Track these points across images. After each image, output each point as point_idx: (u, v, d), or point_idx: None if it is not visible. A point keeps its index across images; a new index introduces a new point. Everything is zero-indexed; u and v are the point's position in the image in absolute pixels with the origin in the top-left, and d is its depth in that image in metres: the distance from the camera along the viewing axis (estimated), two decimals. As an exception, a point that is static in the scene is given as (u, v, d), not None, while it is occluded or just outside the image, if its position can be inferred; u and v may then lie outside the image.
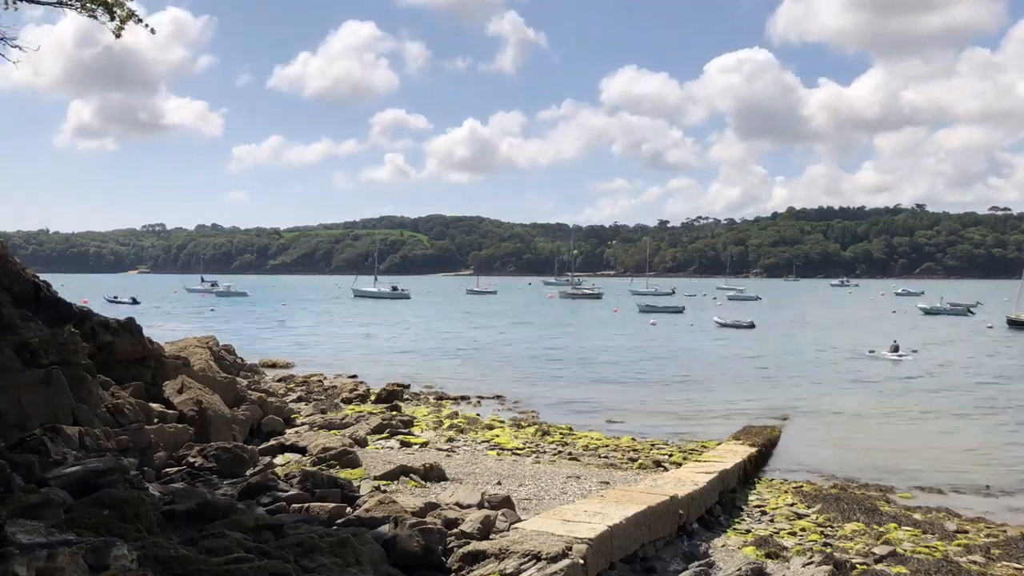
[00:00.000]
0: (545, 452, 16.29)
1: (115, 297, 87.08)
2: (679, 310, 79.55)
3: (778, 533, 11.17)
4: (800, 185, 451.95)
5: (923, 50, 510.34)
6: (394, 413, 20.00)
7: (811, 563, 9.48)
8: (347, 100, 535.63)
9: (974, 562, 10.15)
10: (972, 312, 78.50)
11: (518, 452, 16.15)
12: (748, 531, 11.23)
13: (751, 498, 13.28)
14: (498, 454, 15.85)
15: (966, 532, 11.72)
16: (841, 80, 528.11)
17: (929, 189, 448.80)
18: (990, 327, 59.06)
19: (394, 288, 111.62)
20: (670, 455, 16.35)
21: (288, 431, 16.47)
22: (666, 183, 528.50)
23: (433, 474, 12.73)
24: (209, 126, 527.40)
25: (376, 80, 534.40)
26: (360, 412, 20.14)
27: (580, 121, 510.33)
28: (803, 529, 11.46)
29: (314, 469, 12.20)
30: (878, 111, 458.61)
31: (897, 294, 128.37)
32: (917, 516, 12.56)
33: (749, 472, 14.74)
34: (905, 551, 10.36)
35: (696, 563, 9.41)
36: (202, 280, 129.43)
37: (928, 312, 79.46)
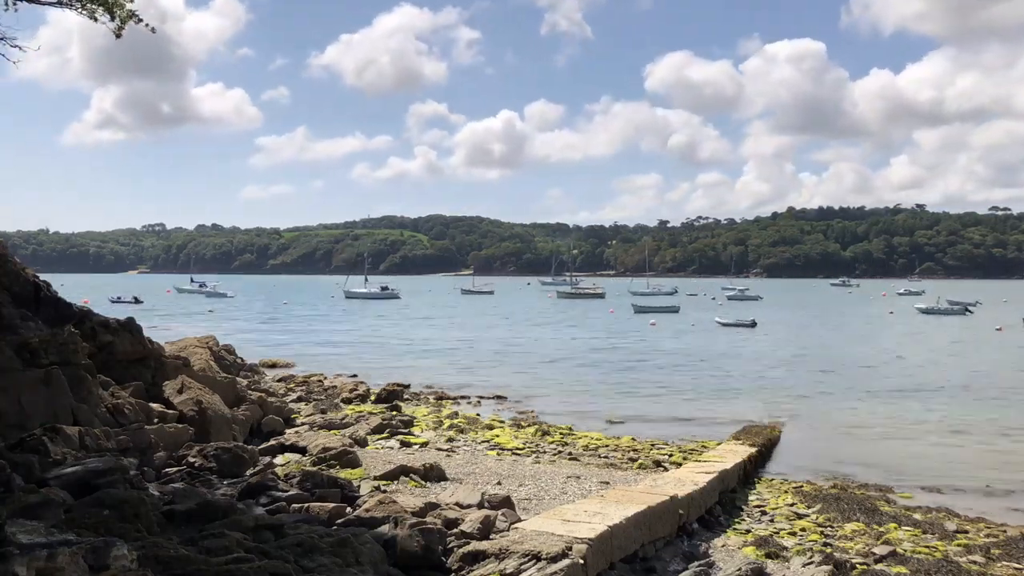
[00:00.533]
0: (545, 452, 16.29)
1: (118, 298, 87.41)
2: (674, 310, 79.45)
3: (778, 533, 11.17)
4: (830, 181, 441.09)
5: (1008, 39, 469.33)
6: (394, 413, 20.00)
7: (811, 563, 9.48)
8: (386, 89, 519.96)
9: (974, 562, 10.14)
10: (971, 311, 78.06)
11: (518, 452, 16.14)
12: (748, 531, 11.23)
13: (751, 498, 13.27)
14: (498, 454, 15.84)
15: (966, 532, 11.71)
16: (915, 71, 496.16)
17: (960, 187, 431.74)
18: (999, 329, 58.20)
19: (383, 288, 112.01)
20: (670, 455, 16.35)
21: (288, 431, 16.46)
22: (698, 178, 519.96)
23: (433, 474, 12.72)
24: (239, 119, 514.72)
25: (420, 68, 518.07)
26: (360, 412, 20.14)
27: (617, 114, 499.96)
28: (803, 529, 11.46)
29: (314, 469, 12.20)
30: (928, 104, 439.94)
31: (899, 294, 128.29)
32: (917, 516, 12.55)
33: (749, 472, 14.73)
34: (905, 551, 10.36)
35: (696, 563, 9.41)
36: (191, 280, 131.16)
37: (925, 312, 79.11)
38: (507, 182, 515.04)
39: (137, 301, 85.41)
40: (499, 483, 12.70)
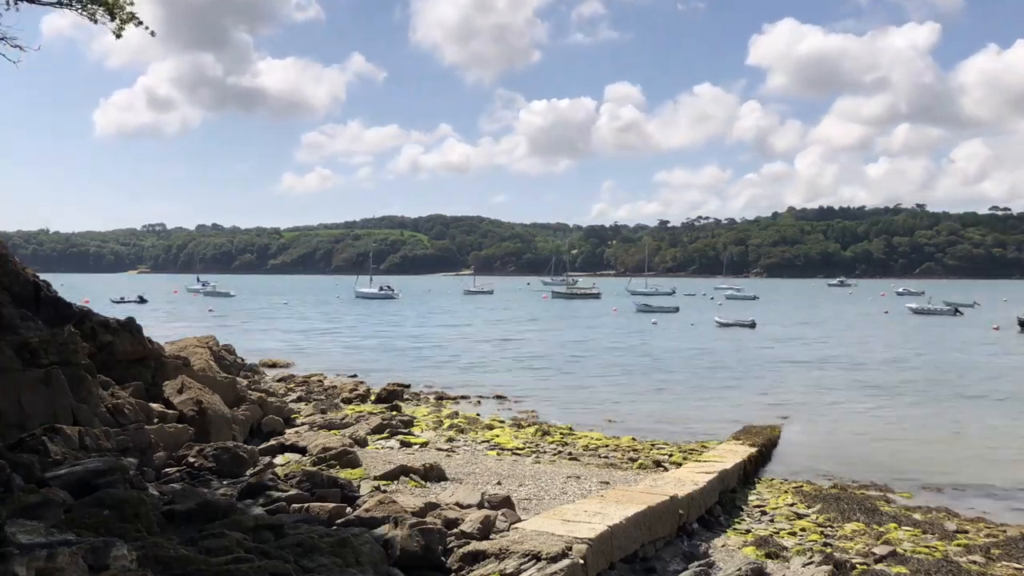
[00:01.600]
0: (545, 452, 16.29)
1: (121, 298, 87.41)
2: (673, 310, 79.78)
3: (778, 533, 11.17)
4: (892, 177, 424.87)
5: None
6: (394, 413, 20.00)
7: (811, 563, 9.48)
8: (479, 70, 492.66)
9: (974, 562, 10.14)
10: (960, 312, 77.89)
11: (518, 452, 16.14)
12: (748, 531, 11.23)
13: (751, 498, 13.27)
14: (498, 454, 15.84)
15: (966, 532, 11.71)
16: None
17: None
18: (995, 328, 58.31)
19: (380, 288, 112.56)
20: (670, 455, 16.34)
21: (288, 431, 16.46)
22: (763, 169, 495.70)
23: (433, 474, 12.72)
24: (311, 102, 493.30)
25: (523, 47, 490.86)
26: (360, 412, 20.14)
27: (699, 102, 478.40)
28: (803, 529, 11.46)
29: (314, 469, 12.19)
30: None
31: (898, 293, 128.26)
32: (917, 516, 12.55)
33: (749, 472, 14.74)
34: (905, 551, 10.36)
35: (696, 563, 9.41)
36: (197, 280, 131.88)
37: (916, 312, 79.40)
38: (567, 174, 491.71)
39: (142, 300, 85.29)
40: (499, 483, 12.70)
